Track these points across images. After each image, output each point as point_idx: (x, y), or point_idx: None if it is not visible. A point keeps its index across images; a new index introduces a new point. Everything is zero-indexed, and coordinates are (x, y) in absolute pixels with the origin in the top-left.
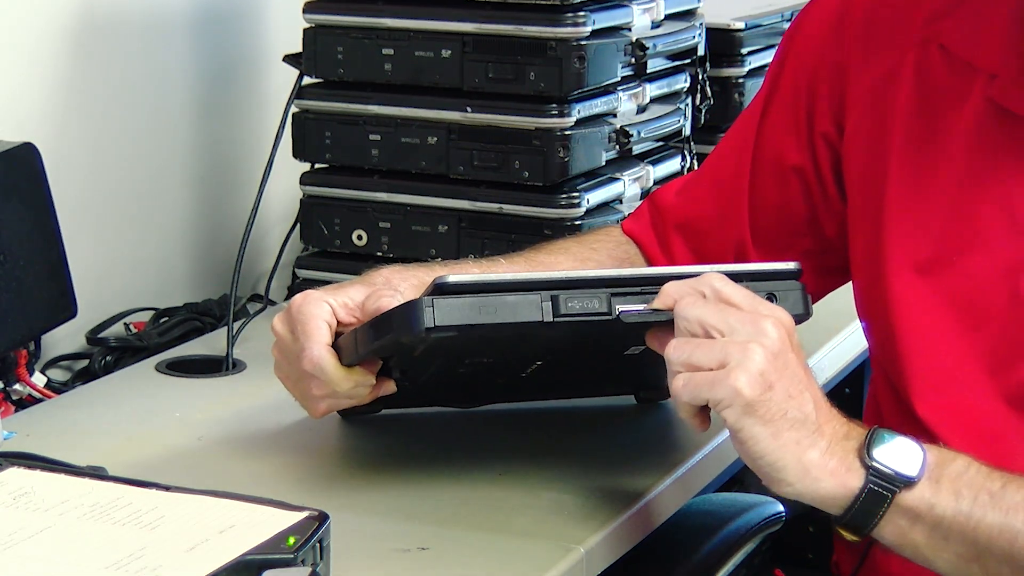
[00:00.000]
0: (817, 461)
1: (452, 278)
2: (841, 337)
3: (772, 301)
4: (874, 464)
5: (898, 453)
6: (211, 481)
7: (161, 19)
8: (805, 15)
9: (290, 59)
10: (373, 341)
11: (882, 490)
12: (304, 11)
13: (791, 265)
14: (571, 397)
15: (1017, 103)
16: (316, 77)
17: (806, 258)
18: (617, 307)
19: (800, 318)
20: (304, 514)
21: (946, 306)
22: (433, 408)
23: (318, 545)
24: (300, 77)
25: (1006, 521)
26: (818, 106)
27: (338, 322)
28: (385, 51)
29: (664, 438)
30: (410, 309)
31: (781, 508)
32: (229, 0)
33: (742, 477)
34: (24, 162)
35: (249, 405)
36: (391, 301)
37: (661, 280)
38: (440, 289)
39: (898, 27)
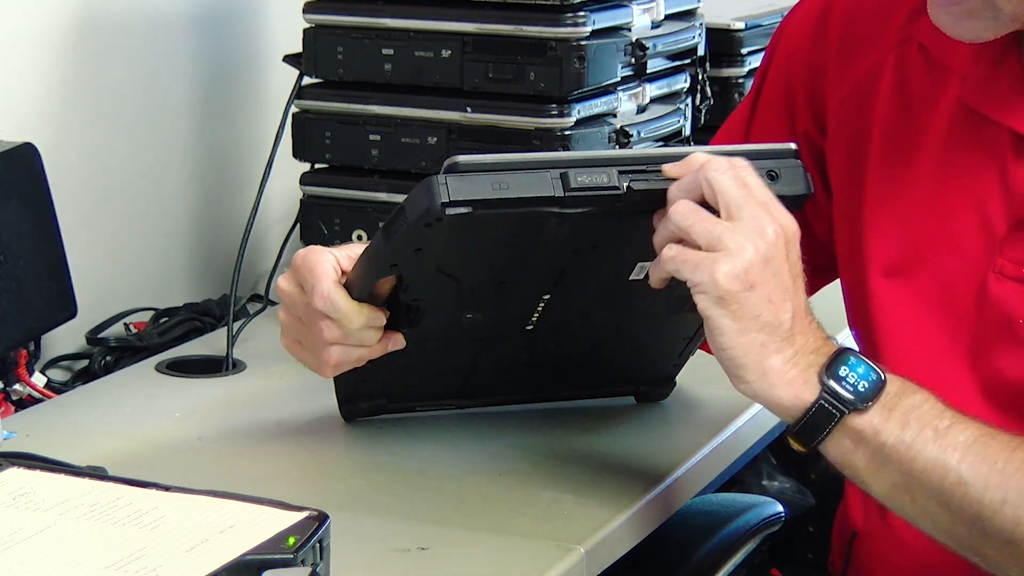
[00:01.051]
0: (778, 367)
1: (463, 158)
2: (841, 338)
3: (774, 178)
4: (830, 383)
5: (858, 376)
6: (211, 481)
7: (161, 19)
8: (790, 17)
9: (290, 59)
10: (385, 245)
11: (832, 408)
12: (304, 11)
13: (789, 145)
14: (572, 398)
15: (984, 104)
16: (316, 77)
17: None
18: (624, 183)
19: (801, 196)
20: (304, 514)
21: (922, 305)
22: (434, 410)
23: (318, 545)
24: (300, 77)
25: (941, 457)
26: (800, 107)
27: (342, 272)
28: (385, 51)
29: (664, 438)
30: (425, 186)
31: (780, 508)
32: (229, 0)
33: (742, 477)
34: (24, 162)
35: (249, 405)
36: None
37: (668, 159)
38: (452, 169)
39: (878, 27)
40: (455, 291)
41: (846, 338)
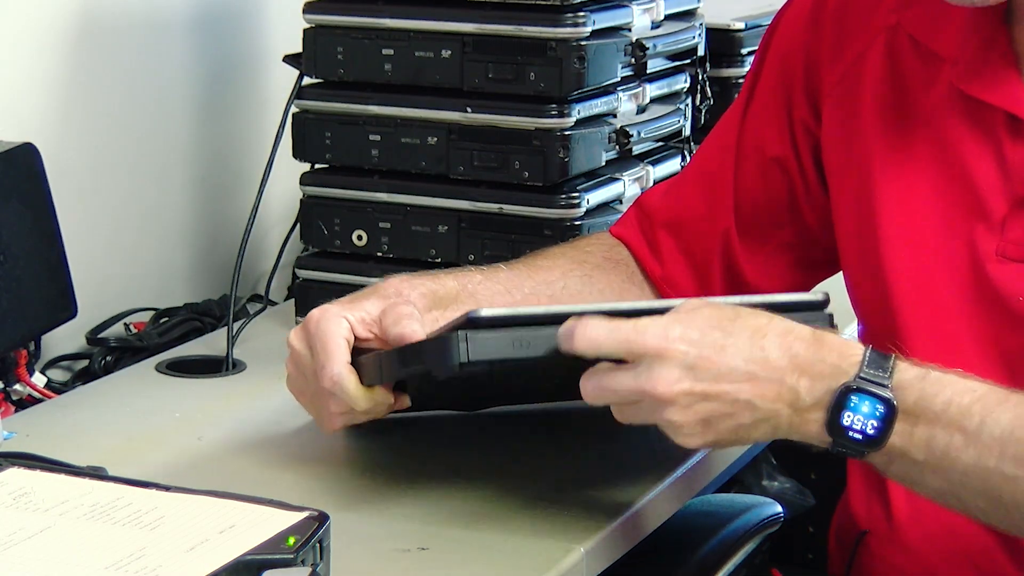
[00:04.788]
0: (786, 430)
1: (485, 312)
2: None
3: None
4: (836, 439)
5: (864, 418)
6: (211, 481)
7: (161, 19)
8: (785, 7)
9: (290, 59)
10: (400, 369)
11: (849, 451)
12: (304, 11)
13: (818, 296)
14: (572, 399)
15: (977, 87)
16: (316, 77)
17: (789, 250)
18: None
19: None
20: (304, 514)
21: (932, 288)
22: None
23: (318, 545)
24: (300, 77)
25: (978, 462)
26: (795, 94)
27: (356, 337)
28: (385, 51)
29: (664, 438)
30: (444, 344)
31: (780, 509)
32: (229, 0)
33: (742, 477)
34: (24, 162)
35: (249, 405)
36: (411, 323)
37: None
38: (473, 324)
39: (868, 13)
40: (467, 386)
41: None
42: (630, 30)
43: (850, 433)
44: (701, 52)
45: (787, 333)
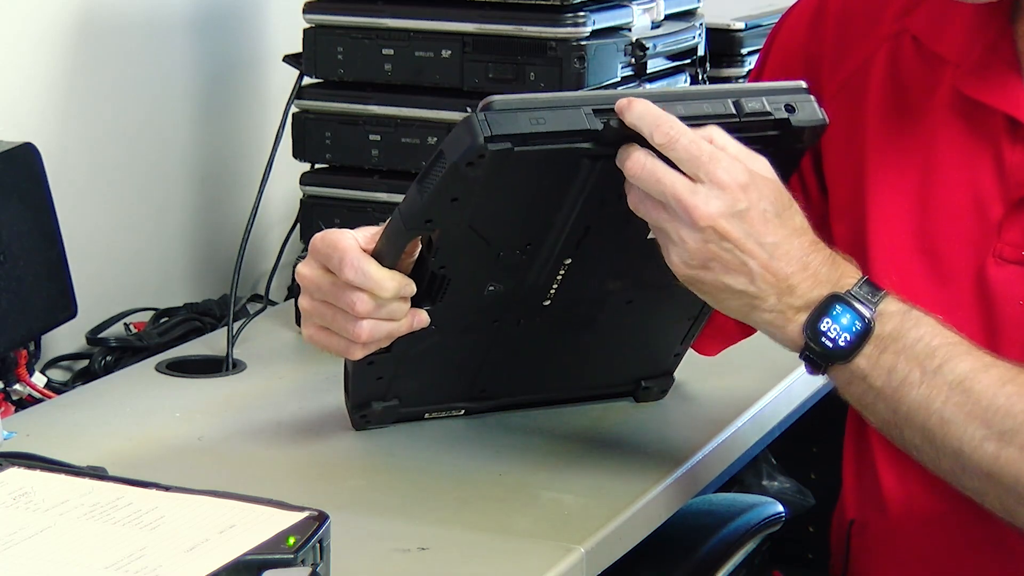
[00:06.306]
0: (767, 320)
1: (498, 98)
2: None
3: (791, 111)
4: (810, 341)
5: (840, 329)
6: (211, 481)
7: (161, 19)
8: (787, 13)
9: (290, 59)
10: (422, 193)
11: (817, 359)
12: (304, 11)
13: (800, 83)
14: (573, 401)
15: (979, 90)
16: (316, 77)
17: None
18: None
19: (820, 126)
20: (304, 514)
21: (925, 292)
22: (436, 415)
23: (318, 545)
24: (300, 77)
25: (925, 400)
26: None
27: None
28: (385, 51)
29: (664, 438)
30: (464, 124)
31: (780, 508)
32: (229, 0)
33: (742, 477)
34: (24, 162)
35: (249, 405)
36: None
37: (700, 96)
38: (488, 107)
39: (871, 21)
40: (483, 254)
41: None
42: (630, 30)
43: (823, 339)
44: (701, 52)
45: (814, 243)
